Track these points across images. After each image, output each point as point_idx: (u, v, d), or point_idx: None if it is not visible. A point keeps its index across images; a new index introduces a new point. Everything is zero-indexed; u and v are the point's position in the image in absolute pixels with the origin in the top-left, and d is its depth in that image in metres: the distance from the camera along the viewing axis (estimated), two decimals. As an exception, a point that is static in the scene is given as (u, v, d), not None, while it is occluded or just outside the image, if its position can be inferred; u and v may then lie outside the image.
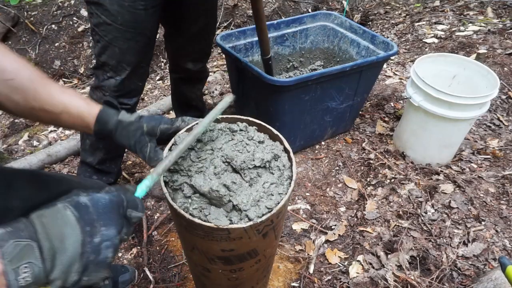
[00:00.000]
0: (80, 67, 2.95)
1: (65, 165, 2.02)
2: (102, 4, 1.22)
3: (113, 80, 1.37)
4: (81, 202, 0.57)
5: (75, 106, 0.78)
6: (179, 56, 1.71)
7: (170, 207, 0.81)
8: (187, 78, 1.82)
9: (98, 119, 0.80)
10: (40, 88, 0.75)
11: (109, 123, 0.81)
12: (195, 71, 1.74)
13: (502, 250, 1.53)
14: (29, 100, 0.73)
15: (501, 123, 2.18)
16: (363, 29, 2.00)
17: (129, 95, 1.44)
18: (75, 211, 0.55)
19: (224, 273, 0.96)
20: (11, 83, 0.71)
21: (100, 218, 0.57)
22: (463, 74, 1.89)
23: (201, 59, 1.75)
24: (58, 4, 3.02)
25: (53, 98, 0.76)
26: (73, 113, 0.78)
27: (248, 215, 0.77)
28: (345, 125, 2.14)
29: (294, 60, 2.25)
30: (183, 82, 1.85)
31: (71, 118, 0.79)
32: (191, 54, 1.69)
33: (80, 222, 0.55)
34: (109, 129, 0.81)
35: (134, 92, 1.46)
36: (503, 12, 3.19)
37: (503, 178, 1.82)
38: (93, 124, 0.80)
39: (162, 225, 1.70)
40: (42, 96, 0.75)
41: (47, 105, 0.75)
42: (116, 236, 0.58)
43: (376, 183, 1.85)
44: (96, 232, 0.56)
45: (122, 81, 1.37)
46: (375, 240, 1.60)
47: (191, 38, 1.60)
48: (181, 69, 1.75)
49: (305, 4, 3.65)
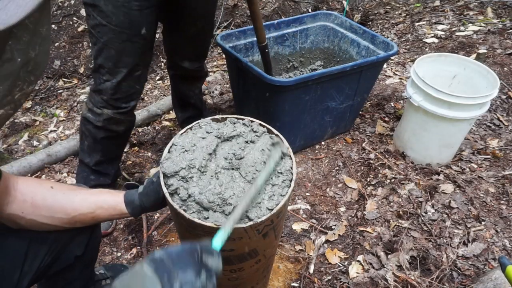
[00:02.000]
0: (80, 67, 2.95)
1: (65, 165, 2.02)
2: (97, 5, 1.22)
3: (109, 83, 1.36)
4: (156, 256, 0.61)
5: (104, 201, 0.92)
6: (176, 54, 1.72)
7: (170, 207, 0.81)
8: (184, 76, 1.82)
9: (126, 203, 0.92)
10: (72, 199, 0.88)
11: (135, 200, 0.92)
12: (192, 70, 1.75)
13: (502, 250, 1.53)
14: (69, 213, 0.87)
15: (501, 123, 2.18)
16: (363, 29, 2.00)
17: (126, 99, 1.43)
18: (151, 264, 0.59)
19: (224, 273, 0.96)
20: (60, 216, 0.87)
21: (175, 265, 0.59)
22: (463, 74, 1.89)
23: (198, 59, 1.75)
24: (58, 4, 3.01)
25: (84, 203, 0.89)
26: (105, 207, 0.91)
27: (249, 215, 0.77)
28: (345, 125, 2.14)
29: (294, 60, 2.25)
30: (181, 79, 1.86)
31: (106, 212, 0.92)
32: (188, 54, 1.69)
33: (157, 272, 0.58)
34: (137, 204, 0.92)
35: (132, 96, 1.45)
36: (503, 12, 3.19)
37: (503, 178, 1.82)
38: (125, 209, 0.92)
39: (162, 225, 1.70)
40: (76, 205, 0.88)
41: (83, 210, 0.89)
42: (195, 279, 0.58)
43: (376, 183, 1.85)
44: (174, 277, 0.57)
45: (118, 83, 1.36)
46: (375, 240, 1.60)
47: (188, 39, 1.61)
48: (178, 67, 1.75)
49: (305, 4, 3.65)
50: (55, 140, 2.27)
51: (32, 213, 0.83)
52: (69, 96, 2.78)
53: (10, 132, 2.39)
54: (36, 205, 0.83)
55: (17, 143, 2.25)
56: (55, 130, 2.38)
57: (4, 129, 2.41)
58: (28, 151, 2.17)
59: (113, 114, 1.44)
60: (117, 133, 1.51)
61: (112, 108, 1.43)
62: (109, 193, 0.94)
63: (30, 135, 2.32)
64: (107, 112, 1.43)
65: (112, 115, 1.44)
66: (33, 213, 0.83)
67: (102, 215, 0.91)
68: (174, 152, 0.86)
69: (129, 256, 1.58)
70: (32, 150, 2.17)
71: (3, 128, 2.42)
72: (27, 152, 2.16)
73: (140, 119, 2.25)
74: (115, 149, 1.63)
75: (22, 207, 0.81)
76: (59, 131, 2.35)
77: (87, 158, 1.56)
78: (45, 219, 0.85)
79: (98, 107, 1.42)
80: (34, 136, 2.31)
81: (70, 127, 2.38)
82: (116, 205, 0.92)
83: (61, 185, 0.93)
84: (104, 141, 1.51)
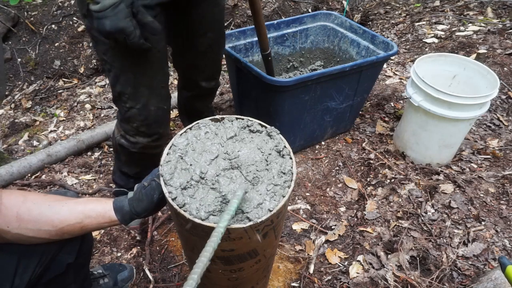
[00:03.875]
0: (80, 67, 2.95)
1: (65, 165, 2.02)
2: None
3: (135, 110, 1.27)
4: None
5: (92, 209, 0.89)
6: (191, 76, 1.63)
7: (170, 207, 0.81)
8: (200, 95, 1.74)
9: (115, 210, 0.88)
10: (58, 210, 0.86)
11: (125, 206, 0.89)
12: (209, 88, 1.68)
13: (502, 250, 1.53)
14: (56, 225, 0.85)
15: (501, 123, 2.18)
16: (363, 29, 2.00)
17: (158, 122, 1.34)
18: None
19: (224, 273, 0.96)
20: (45, 228, 0.84)
21: None
22: (463, 74, 1.89)
23: (214, 76, 1.67)
24: (58, 4, 3.01)
25: (71, 213, 0.87)
26: (94, 215, 0.88)
27: (249, 216, 0.77)
28: (345, 125, 2.14)
29: (294, 60, 2.25)
30: (196, 98, 1.77)
31: (94, 220, 0.88)
32: (203, 73, 1.61)
33: None
34: (127, 210, 0.89)
35: (163, 117, 1.36)
36: (503, 12, 3.19)
37: (503, 178, 1.82)
38: (115, 216, 0.88)
39: (162, 225, 1.70)
40: (62, 216, 0.86)
41: (70, 220, 0.86)
42: None
43: (376, 183, 1.85)
44: None
45: (144, 107, 1.26)
46: (375, 240, 1.60)
47: (202, 56, 1.52)
48: (193, 88, 1.68)
49: (305, 4, 3.65)
50: (55, 140, 2.27)
51: (18, 227, 0.81)
52: (69, 96, 2.78)
53: (10, 132, 2.39)
54: (21, 219, 0.81)
55: (17, 143, 2.25)
56: (55, 130, 2.38)
57: (4, 129, 2.41)
58: (28, 151, 2.17)
59: (148, 143, 1.36)
60: (155, 154, 1.44)
61: (147, 136, 1.35)
62: (97, 201, 0.91)
63: (30, 135, 2.32)
64: (142, 141, 1.35)
65: (147, 143, 1.36)
66: (19, 227, 0.81)
67: (91, 224, 0.89)
68: (173, 156, 0.85)
69: (129, 256, 1.58)
70: (32, 150, 2.17)
71: (3, 128, 2.42)
72: (27, 152, 2.16)
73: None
74: (154, 163, 1.56)
75: (7, 221, 0.79)
76: (59, 131, 2.35)
77: (125, 168, 1.54)
78: (31, 233, 0.83)
79: (131, 135, 1.35)
80: (34, 136, 2.32)
81: (70, 127, 2.38)
82: (105, 213, 0.88)
83: (46, 196, 0.90)
84: (142, 162, 1.48)
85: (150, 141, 1.37)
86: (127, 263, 1.53)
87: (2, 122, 2.52)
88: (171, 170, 0.82)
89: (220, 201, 0.79)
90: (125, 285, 1.43)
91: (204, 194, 0.80)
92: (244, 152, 0.87)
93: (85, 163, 2.03)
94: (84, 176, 1.96)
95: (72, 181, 1.91)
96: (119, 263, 1.50)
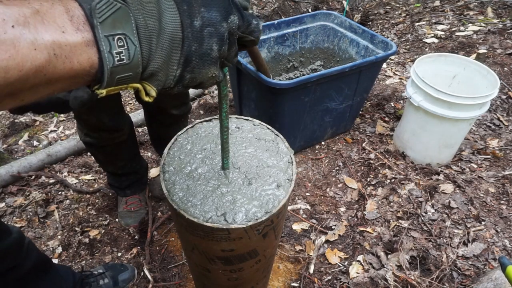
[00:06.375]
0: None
1: (65, 165, 2.02)
2: None
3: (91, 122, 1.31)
4: None
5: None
6: (160, 112, 1.53)
7: (170, 207, 0.81)
8: (171, 122, 1.59)
9: None
10: None
11: None
12: (181, 115, 1.56)
13: (502, 250, 1.53)
14: None
15: (501, 123, 2.18)
16: (363, 29, 2.00)
17: (113, 124, 1.35)
18: None
19: (224, 273, 0.96)
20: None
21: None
22: (463, 74, 1.89)
23: (184, 101, 1.56)
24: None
25: None
26: None
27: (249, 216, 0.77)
28: (345, 125, 2.14)
29: (294, 60, 2.25)
30: (169, 127, 1.61)
31: None
32: (174, 105, 1.50)
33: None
34: None
35: (116, 123, 1.37)
36: (503, 12, 3.19)
37: (503, 178, 1.82)
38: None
39: (162, 225, 1.70)
40: None
41: None
42: (220, 22, 0.46)
43: (376, 183, 1.85)
44: (195, 12, 0.44)
45: (99, 120, 1.29)
46: (375, 240, 1.60)
47: (172, 97, 1.46)
48: (164, 116, 1.56)
49: (305, 4, 3.65)
50: (55, 140, 2.27)
51: None
52: (69, 96, 2.78)
53: (10, 132, 2.39)
54: None
55: (17, 143, 2.25)
56: (55, 130, 2.38)
57: (4, 129, 2.41)
58: (28, 151, 2.17)
59: (110, 134, 1.38)
60: (124, 141, 1.46)
61: (106, 131, 1.36)
62: None
63: (30, 135, 2.32)
64: (104, 135, 1.37)
65: (110, 135, 1.38)
66: None
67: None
68: (173, 155, 0.85)
69: (129, 256, 1.58)
70: (32, 150, 2.17)
71: (3, 128, 2.42)
72: (27, 152, 2.16)
73: (140, 119, 2.25)
74: (130, 150, 1.58)
75: None
76: (59, 131, 2.35)
77: (109, 167, 1.56)
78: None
79: (92, 132, 1.36)
80: (34, 136, 2.32)
81: (70, 127, 2.38)
82: None
83: None
84: (115, 151, 1.48)
85: (112, 131, 1.38)
86: (128, 263, 1.53)
87: (2, 122, 2.51)
88: (171, 170, 0.82)
89: (220, 201, 0.79)
90: (126, 285, 1.43)
91: (204, 194, 0.80)
92: (244, 152, 0.87)
93: (85, 163, 2.03)
94: (84, 176, 1.96)
95: (72, 181, 1.91)
96: (121, 263, 1.50)
